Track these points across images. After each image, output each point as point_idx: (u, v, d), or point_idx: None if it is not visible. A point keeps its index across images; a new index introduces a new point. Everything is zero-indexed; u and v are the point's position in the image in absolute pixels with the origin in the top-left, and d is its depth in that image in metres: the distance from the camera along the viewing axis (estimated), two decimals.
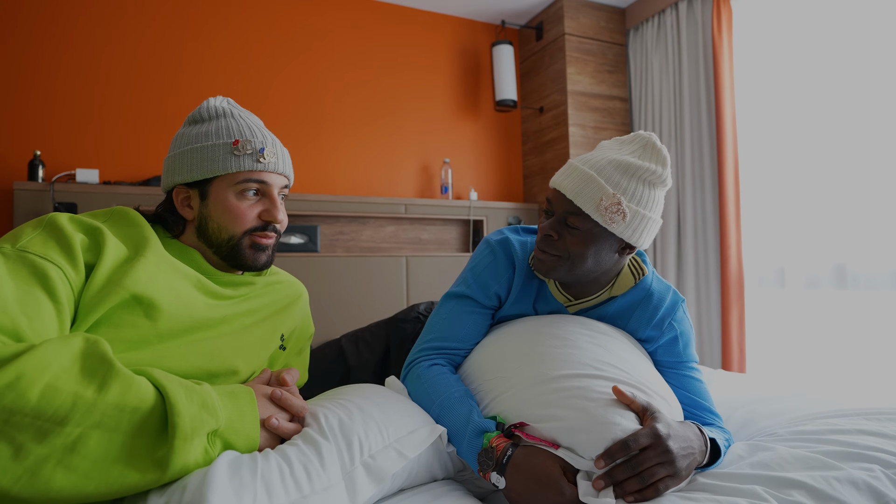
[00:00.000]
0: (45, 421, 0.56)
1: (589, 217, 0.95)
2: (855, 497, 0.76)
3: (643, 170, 0.96)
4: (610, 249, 0.99)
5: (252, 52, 2.76)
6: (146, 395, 0.63)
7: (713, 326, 2.65)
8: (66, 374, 0.59)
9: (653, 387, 0.94)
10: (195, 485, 0.62)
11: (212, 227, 0.92)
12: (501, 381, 0.96)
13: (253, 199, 0.93)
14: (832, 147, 2.23)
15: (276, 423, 0.76)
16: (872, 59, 2.11)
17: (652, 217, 0.98)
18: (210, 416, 0.67)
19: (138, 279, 0.78)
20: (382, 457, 0.77)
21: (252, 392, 0.77)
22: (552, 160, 3.09)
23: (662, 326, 1.07)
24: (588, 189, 0.95)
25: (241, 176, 0.91)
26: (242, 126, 0.94)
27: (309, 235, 2.64)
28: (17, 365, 0.56)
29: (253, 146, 0.92)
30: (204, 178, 0.92)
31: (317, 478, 0.69)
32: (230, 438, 0.71)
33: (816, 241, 2.30)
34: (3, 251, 0.72)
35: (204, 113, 0.96)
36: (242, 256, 0.93)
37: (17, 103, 2.34)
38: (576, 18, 3.03)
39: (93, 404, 0.58)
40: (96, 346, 0.64)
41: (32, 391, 0.56)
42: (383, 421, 0.82)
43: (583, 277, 1.03)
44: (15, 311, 0.65)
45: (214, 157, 0.91)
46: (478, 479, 0.93)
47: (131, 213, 0.89)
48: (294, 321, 1.07)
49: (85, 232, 0.79)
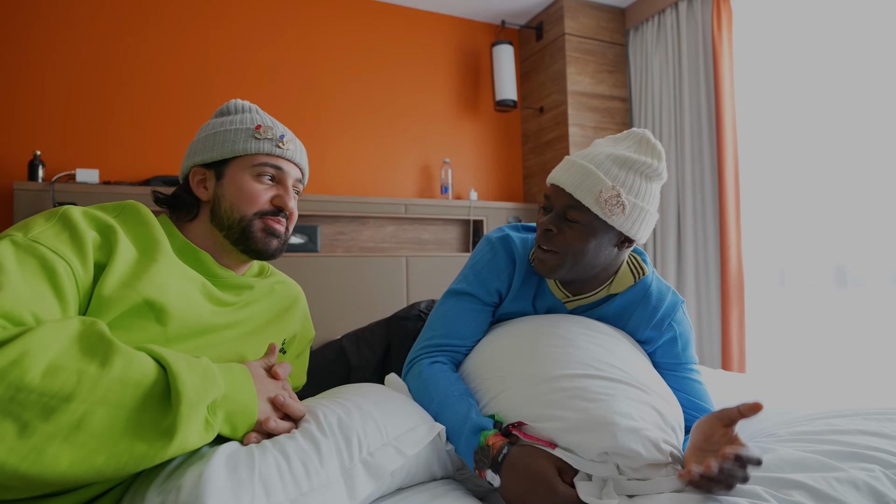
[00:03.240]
0: (50, 398, 0.55)
1: (589, 210, 0.96)
2: (855, 497, 0.76)
3: (640, 163, 0.97)
4: (609, 243, 1.00)
5: (252, 53, 2.76)
6: (148, 369, 0.63)
7: (713, 326, 2.65)
8: (68, 353, 0.59)
9: (653, 387, 0.93)
10: (191, 484, 0.61)
11: (224, 207, 0.94)
12: (501, 380, 0.96)
13: (268, 184, 0.96)
14: (832, 147, 2.23)
15: (274, 424, 0.76)
16: (872, 60, 2.11)
17: (649, 210, 0.99)
18: (212, 385, 0.67)
19: (152, 284, 0.78)
20: (381, 454, 0.76)
21: (247, 369, 0.78)
22: (552, 160, 3.09)
23: (662, 327, 1.07)
24: (587, 182, 0.95)
25: (260, 159, 0.95)
26: (266, 118, 0.99)
27: (309, 235, 2.64)
28: (20, 343, 0.56)
29: (274, 133, 0.97)
30: (222, 159, 0.95)
31: (315, 475, 0.68)
32: (230, 409, 0.70)
33: (816, 242, 2.30)
34: (15, 239, 0.71)
35: (230, 107, 1.01)
36: (254, 239, 0.94)
37: (17, 103, 2.34)
38: (576, 18, 3.03)
39: (97, 380, 0.58)
40: (93, 326, 0.64)
41: (37, 368, 0.56)
42: (382, 419, 0.82)
43: (583, 273, 1.03)
44: (21, 300, 0.64)
45: (236, 138, 0.95)
46: (476, 478, 0.93)
47: (142, 210, 0.89)
48: (295, 326, 1.07)
49: (98, 229, 0.79)
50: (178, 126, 2.58)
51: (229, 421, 0.71)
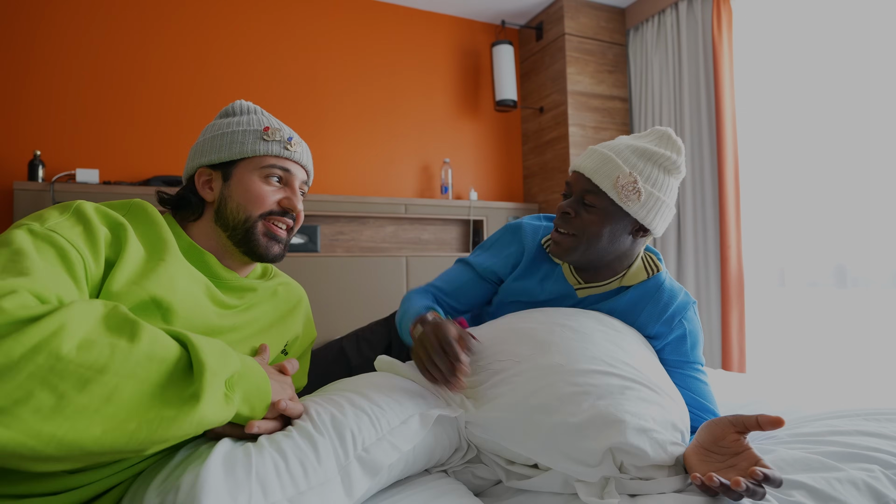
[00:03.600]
0: (86, 369, 0.57)
1: (605, 195, 1.01)
2: (855, 497, 0.76)
3: (659, 155, 1.02)
4: (624, 230, 1.04)
5: (252, 53, 2.76)
6: (171, 346, 0.65)
7: (713, 326, 2.65)
8: (97, 330, 0.60)
9: (663, 387, 0.93)
10: (188, 484, 0.61)
11: (230, 207, 0.94)
12: (515, 364, 0.96)
13: (276, 186, 0.97)
14: (832, 147, 2.23)
15: (284, 405, 0.77)
16: (872, 60, 2.11)
17: (666, 201, 1.03)
18: (229, 360, 0.69)
19: (159, 283, 0.79)
20: (376, 449, 0.76)
21: (253, 359, 0.79)
22: (552, 160, 3.09)
23: (672, 323, 1.08)
24: (606, 168, 1.01)
25: (268, 160, 0.95)
26: (272, 120, 1.00)
27: (309, 235, 2.64)
28: (58, 316, 0.58)
29: (282, 135, 0.97)
30: (230, 160, 0.95)
31: (313, 473, 0.68)
32: (246, 388, 0.71)
33: (816, 242, 2.30)
34: (32, 228, 0.72)
35: (235, 108, 1.01)
36: (256, 242, 0.94)
37: (17, 103, 2.34)
38: (576, 18, 3.03)
39: (129, 352, 0.60)
40: (116, 308, 0.66)
41: (73, 340, 0.57)
42: (375, 413, 0.81)
43: (597, 259, 1.07)
44: (47, 284, 0.66)
45: (244, 140, 0.95)
46: (476, 469, 0.93)
47: (149, 209, 0.89)
48: (297, 328, 1.07)
49: (110, 227, 0.80)
50: (178, 126, 2.58)
51: (247, 401, 0.72)
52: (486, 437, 0.90)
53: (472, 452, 0.94)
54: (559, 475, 0.84)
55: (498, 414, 0.89)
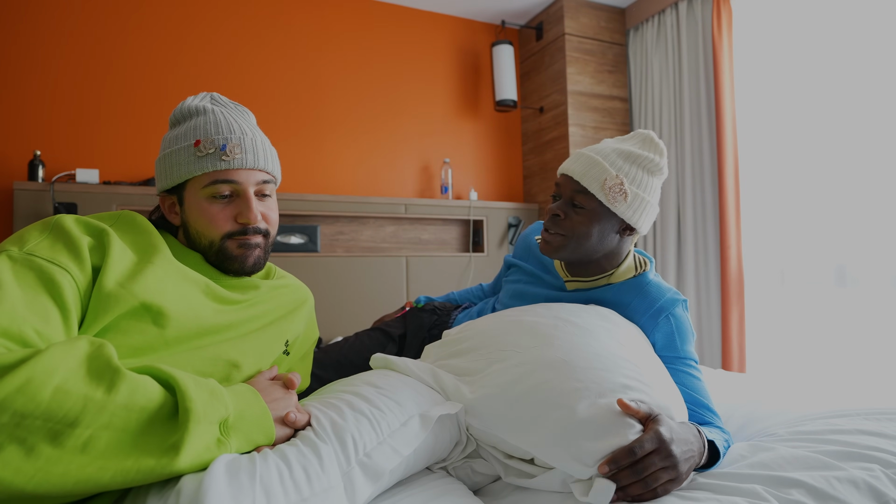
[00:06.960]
0: (56, 423, 0.56)
1: (594, 197, 1.07)
2: (855, 496, 0.76)
3: (643, 158, 1.08)
4: (612, 230, 1.10)
5: (252, 52, 2.76)
6: (153, 393, 0.63)
7: (713, 326, 2.65)
8: (74, 377, 0.59)
9: (664, 385, 0.94)
10: (191, 489, 0.61)
11: (193, 234, 0.91)
12: (517, 354, 0.96)
13: (225, 202, 0.89)
14: (832, 147, 2.23)
15: (294, 417, 0.77)
16: (872, 60, 2.11)
17: (650, 201, 1.10)
18: (219, 404, 0.68)
19: (147, 287, 0.78)
20: (378, 454, 0.76)
21: (252, 388, 0.78)
22: (552, 160, 3.09)
23: (659, 317, 1.09)
24: (594, 171, 1.07)
25: (207, 178, 0.87)
26: (209, 123, 0.89)
27: (309, 235, 2.64)
28: (26, 369, 0.56)
29: (214, 144, 0.87)
30: (178, 184, 0.90)
31: (316, 479, 0.68)
32: (246, 428, 0.71)
33: (816, 242, 2.30)
34: (10, 254, 0.71)
35: (178, 115, 0.93)
36: (231, 260, 0.90)
37: (17, 103, 2.34)
38: (576, 18, 3.03)
39: (102, 405, 0.58)
40: (101, 349, 0.64)
41: (43, 394, 0.56)
42: (375, 416, 0.81)
43: (585, 257, 1.13)
44: (22, 317, 0.64)
45: (180, 161, 0.88)
46: (475, 464, 0.93)
47: (138, 219, 0.88)
48: (299, 327, 1.07)
49: (91, 234, 0.79)
50: None
51: (249, 440, 0.71)
52: (483, 429, 0.90)
53: (472, 446, 0.94)
54: (558, 475, 0.84)
55: (495, 391, 0.90)
